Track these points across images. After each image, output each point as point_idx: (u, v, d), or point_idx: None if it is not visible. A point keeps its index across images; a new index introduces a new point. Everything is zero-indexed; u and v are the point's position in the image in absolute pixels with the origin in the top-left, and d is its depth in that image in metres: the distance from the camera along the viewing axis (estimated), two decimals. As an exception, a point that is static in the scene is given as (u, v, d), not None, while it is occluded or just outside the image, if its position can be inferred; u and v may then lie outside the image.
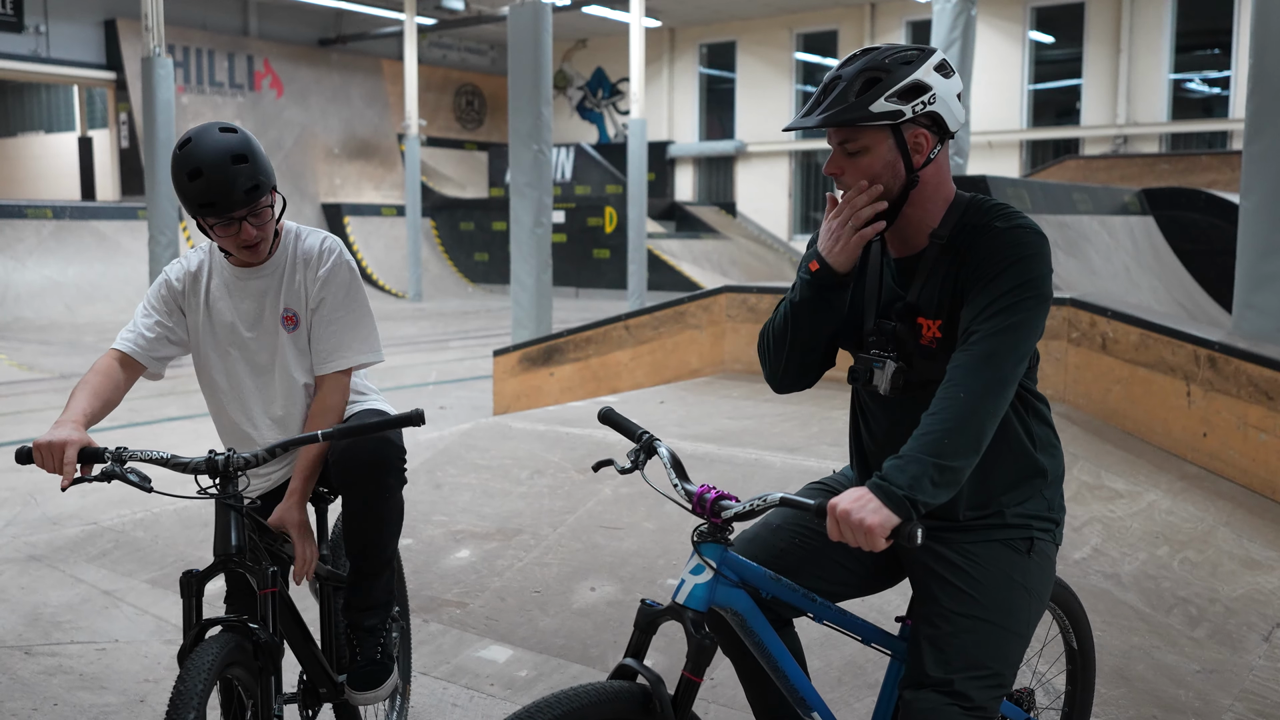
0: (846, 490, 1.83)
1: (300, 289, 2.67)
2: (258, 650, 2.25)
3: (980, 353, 1.89)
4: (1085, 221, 8.78)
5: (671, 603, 1.95)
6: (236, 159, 2.41)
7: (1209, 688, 3.43)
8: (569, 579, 4.25)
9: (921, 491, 1.80)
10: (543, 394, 8.06)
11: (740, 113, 25.85)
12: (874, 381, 2.08)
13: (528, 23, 9.66)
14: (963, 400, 1.86)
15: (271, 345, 2.70)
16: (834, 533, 1.80)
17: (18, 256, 17.48)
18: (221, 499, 2.31)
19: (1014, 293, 1.90)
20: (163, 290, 2.69)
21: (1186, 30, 20.91)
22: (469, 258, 24.01)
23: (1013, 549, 2.07)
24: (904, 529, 1.75)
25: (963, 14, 8.46)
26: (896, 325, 2.06)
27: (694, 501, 1.98)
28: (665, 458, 2.07)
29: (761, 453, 5.14)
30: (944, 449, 1.83)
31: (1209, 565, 4.34)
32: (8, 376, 11.23)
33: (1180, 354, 5.53)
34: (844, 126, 1.96)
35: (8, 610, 4.28)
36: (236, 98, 22.40)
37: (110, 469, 2.26)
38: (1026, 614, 2.05)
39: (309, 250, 2.67)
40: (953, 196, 2.07)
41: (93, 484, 2.93)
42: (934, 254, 2.03)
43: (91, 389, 2.51)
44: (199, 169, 2.40)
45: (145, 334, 2.64)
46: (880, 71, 1.94)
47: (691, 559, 1.98)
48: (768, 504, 1.90)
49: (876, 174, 1.98)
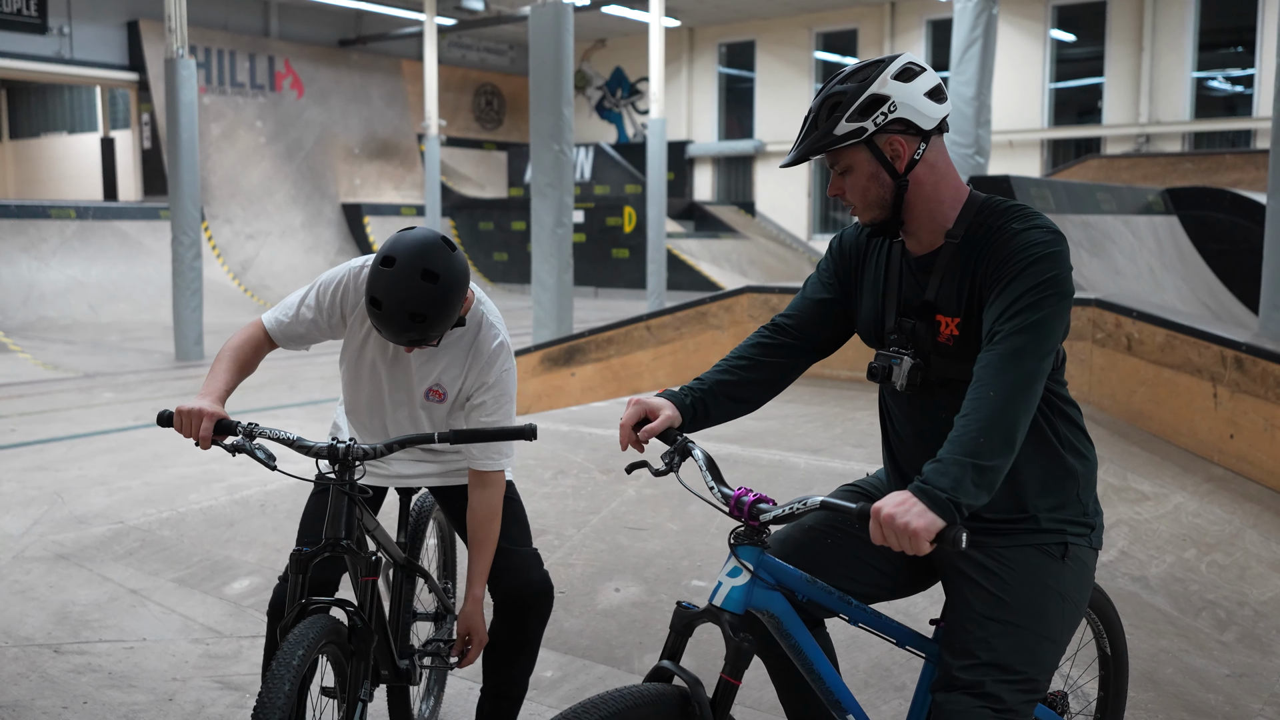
0: (888, 494, 1.83)
1: (459, 379, 2.73)
2: (353, 633, 2.37)
3: (1005, 350, 1.90)
4: (1109, 221, 8.73)
5: (708, 605, 1.95)
6: (414, 316, 2.41)
7: (1238, 691, 3.41)
8: (593, 580, 4.25)
9: (964, 494, 1.80)
10: (564, 394, 8.07)
11: (759, 112, 25.80)
12: (892, 378, 2.11)
13: (548, 23, 9.66)
14: (992, 399, 1.87)
15: (410, 394, 2.78)
16: (877, 536, 1.80)
17: (41, 256, 17.61)
18: (338, 485, 2.41)
19: (1035, 291, 1.93)
20: (337, 295, 2.70)
21: (1209, 28, 20.76)
22: (488, 257, 24.06)
23: (1047, 554, 2.07)
24: (949, 533, 1.75)
25: (984, 13, 8.43)
26: (915, 323, 2.10)
27: (731, 504, 1.97)
28: (700, 459, 2.06)
29: (785, 454, 5.13)
30: (980, 449, 1.83)
31: (1237, 568, 4.31)
32: (32, 375, 11.32)
33: (1206, 355, 5.49)
34: (817, 154, 2.06)
35: (37, 608, 4.32)
36: (258, 98, 22.50)
37: (240, 442, 2.39)
38: (1060, 619, 2.05)
39: (483, 348, 2.71)
40: (966, 195, 2.10)
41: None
42: (949, 253, 2.07)
43: (233, 363, 2.61)
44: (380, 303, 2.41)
45: (296, 327, 2.71)
46: (839, 96, 2.03)
47: (728, 562, 1.97)
48: (808, 507, 1.89)
49: (865, 187, 2.07)
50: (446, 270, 2.43)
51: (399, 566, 2.93)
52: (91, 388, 10.49)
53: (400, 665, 2.79)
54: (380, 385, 2.80)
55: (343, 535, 2.40)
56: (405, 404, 2.80)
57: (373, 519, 2.61)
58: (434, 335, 2.50)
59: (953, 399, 2.06)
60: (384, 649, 2.69)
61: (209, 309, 14.11)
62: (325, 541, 2.41)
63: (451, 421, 2.82)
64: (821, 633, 2.26)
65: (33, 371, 11.61)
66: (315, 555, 2.39)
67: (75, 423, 8.49)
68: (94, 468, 6.66)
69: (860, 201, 2.10)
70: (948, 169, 2.09)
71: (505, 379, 2.73)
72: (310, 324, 2.71)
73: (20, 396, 9.90)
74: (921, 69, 2.05)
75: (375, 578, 2.46)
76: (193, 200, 12.42)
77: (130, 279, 18.19)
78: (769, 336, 2.31)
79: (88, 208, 19.07)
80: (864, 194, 2.08)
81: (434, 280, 2.41)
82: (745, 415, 2.30)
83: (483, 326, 2.72)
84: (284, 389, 10.25)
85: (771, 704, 3.21)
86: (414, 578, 3.00)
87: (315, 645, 2.20)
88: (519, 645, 2.86)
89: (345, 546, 2.40)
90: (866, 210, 2.11)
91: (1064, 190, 9.12)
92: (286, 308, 2.71)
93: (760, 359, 2.28)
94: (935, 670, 2.12)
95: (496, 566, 2.84)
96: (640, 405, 2.17)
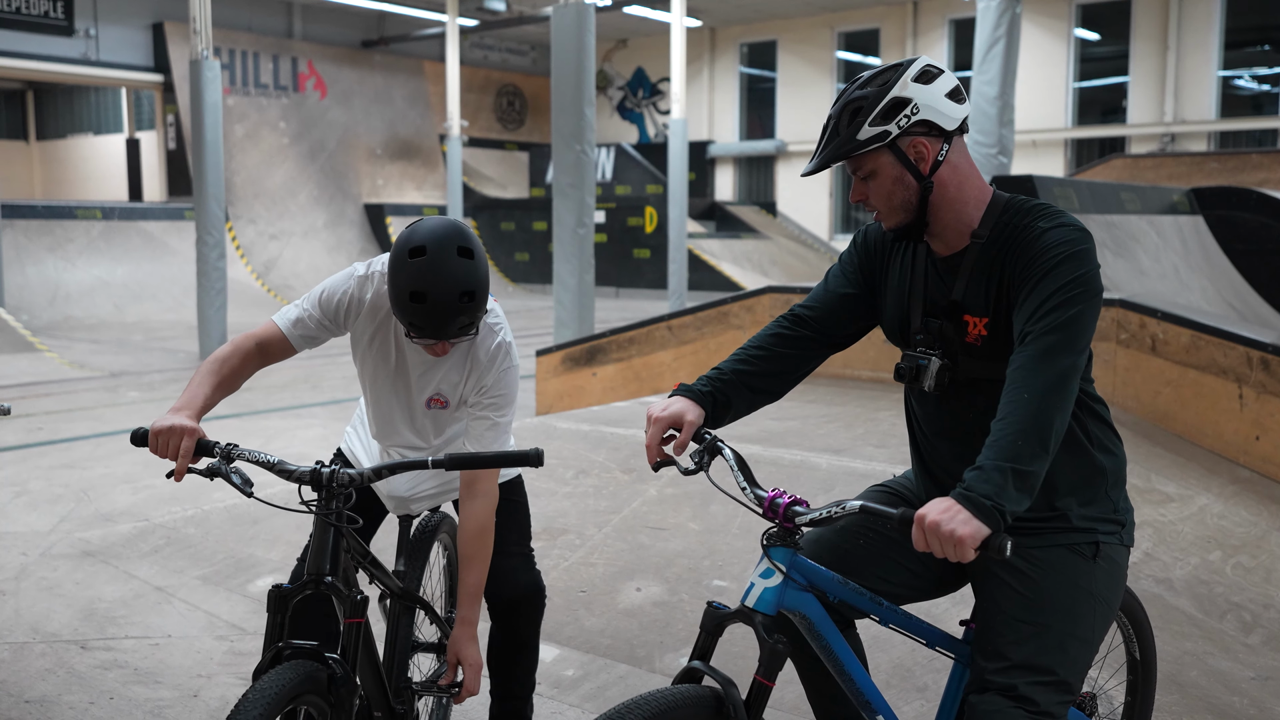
0: (930, 501, 1.82)
1: (459, 384, 2.67)
2: (332, 682, 2.12)
3: (1037, 350, 1.89)
4: (1133, 221, 8.67)
5: (741, 606, 1.94)
6: (465, 295, 2.34)
7: (1264, 695, 3.38)
8: (614, 579, 4.26)
9: (1007, 499, 1.79)
10: (585, 394, 8.08)
11: (781, 112, 25.75)
12: (920, 379, 2.09)
13: (570, 23, 9.67)
14: (1027, 400, 1.86)
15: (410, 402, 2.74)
16: (920, 543, 1.80)
17: (68, 257, 17.76)
18: (322, 515, 2.20)
19: (1064, 289, 1.92)
20: (343, 302, 2.59)
21: (1236, 26, 20.58)
22: (509, 258, 24.11)
23: (1078, 554, 2.06)
24: (994, 540, 1.74)
25: (1007, 12, 8.38)
26: (942, 323, 2.09)
27: (765, 506, 1.95)
28: (730, 459, 2.04)
29: (807, 454, 5.12)
30: (1019, 453, 1.82)
31: (1263, 570, 4.27)
32: (58, 375, 11.42)
33: (1232, 356, 5.45)
34: (840, 161, 2.05)
35: (64, 605, 4.36)
36: (281, 99, 22.63)
37: (216, 465, 2.17)
38: (1092, 620, 2.04)
39: (480, 352, 2.62)
40: (989, 196, 2.10)
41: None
42: (975, 253, 2.06)
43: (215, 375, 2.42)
44: (424, 294, 2.32)
45: (308, 326, 2.58)
46: (860, 101, 2.02)
47: (761, 563, 1.96)
48: (846, 512, 1.88)
49: (890, 191, 2.06)
50: (476, 244, 2.41)
51: (395, 597, 2.74)
52: (117, 387, 10.58)
53: (396, 708, 2.58)
54: (384, 394, 2.75)
55: (325, 572, 2.17)
56: (406, 409, 2.75)
57: (364, 547, 2.42)
58: (480, 315, 2.42)
59: (981, 399, 2.06)
60: (376, 690, 2.52)
61: (233, 309, 14.19)
62: (306, 579, 2.18)
63: (457, 424, 2.77)
64: (852, 634, 2.25)
65: (59, 370, 11.71)
66: (295, 593, 2.17)
67: (101, 421, 8.56)
68: (120, 466, 6.71)
69: (885, 206, 2.09)
70: (970, 169, 2.09)
71: (505, 379, 2.63)
72: (318, 326, 2.60)
73: (47, 395, 9.99)
74: (939, 70, 2.05)
75: (361, 620, 2.22)
76: (217, 201, 12.50)
77: (155, 279, 18.33)
78: (788, 328, 2.28)
79: (113, 208, 19.22)
80: (889, 198, 2.07)
81: (471, 256, 2.36)
82: (766, 405, 2.26)
83: (481, 330, 2.61)
84: (307, 388, 10.30)
85: (792, 704, 3.21)
86: (412, 608, 2.82)
87: (283, 699, 1.97)
88: (516, 648, 2.85)
89: (329, 584, 2.17)
90: (891, 214, 2.09)
91: (1088, 190, 9.06)
92: (300, 307, 2.61)
93: (778, 350, 2.25)
94: (965, 671, 2.11)
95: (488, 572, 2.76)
96: (662, 421, 2.12)
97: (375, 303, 2.60)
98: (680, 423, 2.12)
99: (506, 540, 2.79)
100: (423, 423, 2.78)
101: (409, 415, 2.77)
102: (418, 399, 2.73)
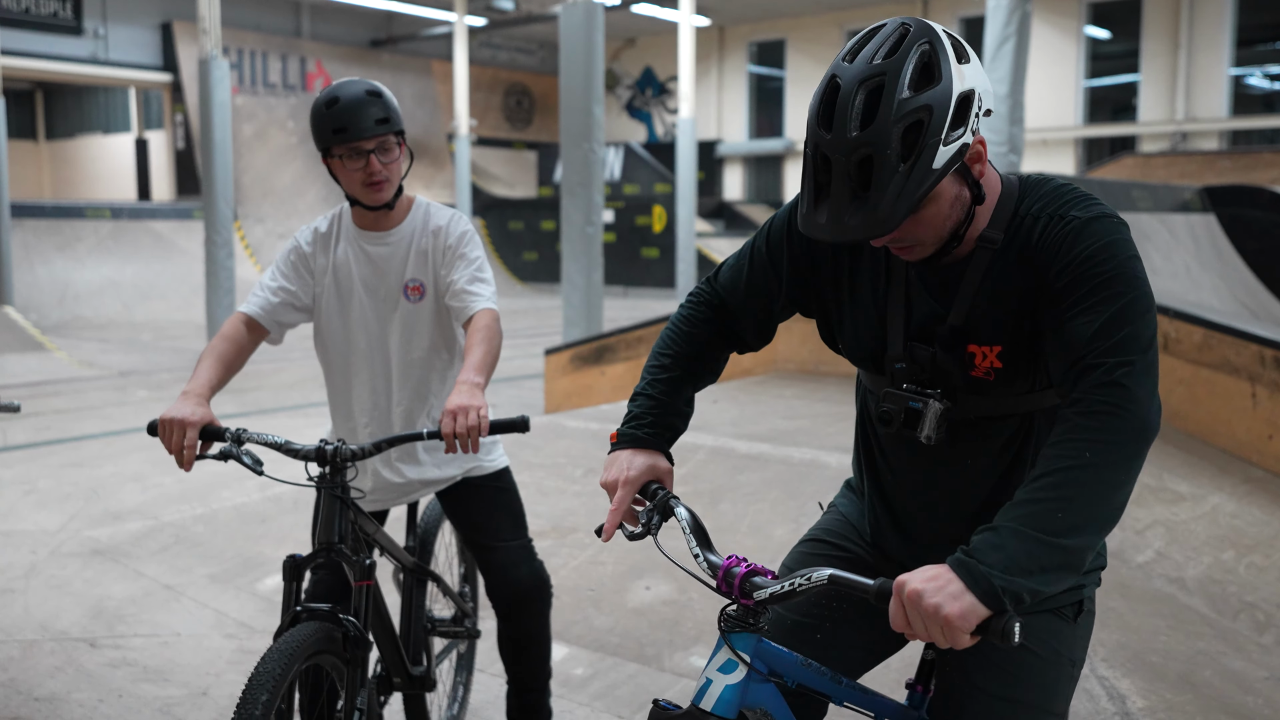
0: (919, 568, 1.42)
1: (428, 259, 2.70)
2: (346, 641, 2.28)
3: (1111, 398, 1.44)
4: (1145, 219, 8.63)
5: (693, 708, 1.56)
6: (371, 93, 2.57)
7: (1278, 694, 3.35)
8: (624, 578, 4.25)
9: (1024, 576, 1.37)
10: (594, 393, 8.07)
11: (790, 111, 25.72)
12: (915, 427, 1.65)
13: (579, 22, 9.66)
14: (1088, 459, 1.41)
15: (388, 315, 2.73)
16: (899, 620, 1.41)
17: (77, 256, 17.81)
18: (328, 488, 2.35)
19: (1131, 308, 1.48)
20: (292, 255, 2.74)
21: (1247, 24, 20.48)
22: (518, 257, 24.11)
23: (1061, 617, 1.71)
24: (995, 624, 1.35)
25: (1017, 10, 8.34)
26: (937, 353, 1.64)
27: (719, 577, 1.58)
28: (685, 520, 1.69)
29: (817, 453, 5.10)
30: (1061, 524, 1.39)
31: (1276, 570, 4.24)
32: (68, 374, 11.44)
33: (1245, 354, 5.41)
34: (917, 210, 1.51)
35: (73, 603, 4.36)
36: (289, 98, 22.66)
37: (228, 449, 2.30)
38: (1068, 690, 1.73)
39: (438, 223, 2.72)
40: (999, 187, 1.64)
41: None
42: (985, 263, 1.60)
43: (217, 355, 2.55)
44: (336, 98, 2.56)
45: (271, 298, 2.69)
46: (920, 112, 1.45)
47: (719, 652, 1.58)
48: (813, 583, 1.50)
49: (947, 216, 1.56)
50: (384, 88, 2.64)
51: (408, 571, 2.85)
52: (126, 385, 10.60)
53: (414, 672, 2.74)
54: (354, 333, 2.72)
55: (335, 540, 2.33)
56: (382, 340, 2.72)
57: (372, 522, 2.53)
58: (394, 118, 2.58)
59: (981, 444, 1.69)
60: (393, 656, 2.65)
61: (241, 308, 14.18)
62: (317, 547, 2.33)
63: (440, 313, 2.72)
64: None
65: (68, 369, 11.74)
66: (307, 562, 2.32)
67: (110, 420, 8.58)
68: (128, 465, 6.72)
69: (934, 236, 1.58)
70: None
71: (471, 239, 2.71)
72: (281, 291, 2.68)
73: (56, 394, 10.01)
74: (950, 34, 1.54)
75: (369, 582, 2.36)
76: (225, 200, 12.52)
77: (164, 278, 18.36)
78: (706, 322, 1.89)
79: (122, 208, 19.27)
80: (943, 226, 1.57)
81: (377, 89, 2.60)
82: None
83: (431, 208, 2.74)
84: (315, 387, 10.30)
85: None
86: (425, 583, 2.92)
87: (301, 654, 2.10)
88: (525, 641, 2.86)
89: (339, 551, 2.33)
90: (934, 243, 1.60)
91: (1099, 188, 9.03)
92: (259, 286, 2.72)
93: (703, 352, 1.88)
94: None
95: (486, 564, 2.80)
96: (629, 486, 1.74)
97: (317, 228, 2.75)
98: (646, 481, 1.77)
99: (501, 529, 2.81)
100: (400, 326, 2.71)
101: (385, 324, 2.72)
102: (393, 291, 2.70)
